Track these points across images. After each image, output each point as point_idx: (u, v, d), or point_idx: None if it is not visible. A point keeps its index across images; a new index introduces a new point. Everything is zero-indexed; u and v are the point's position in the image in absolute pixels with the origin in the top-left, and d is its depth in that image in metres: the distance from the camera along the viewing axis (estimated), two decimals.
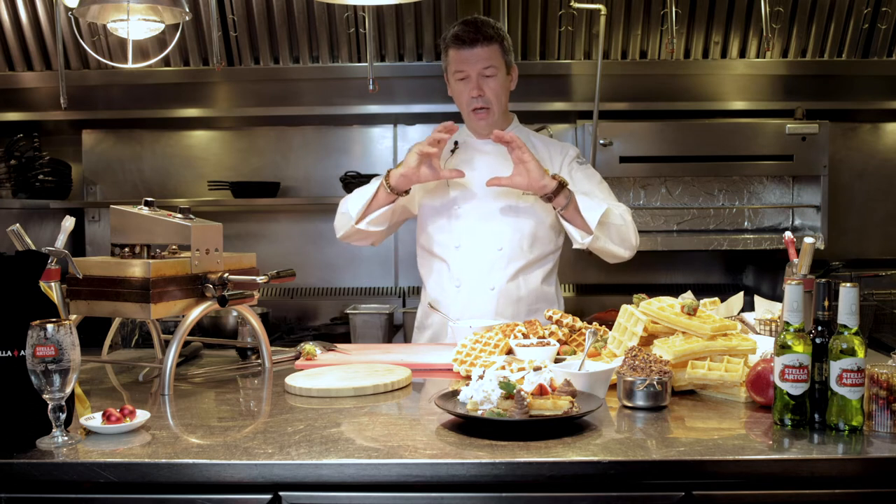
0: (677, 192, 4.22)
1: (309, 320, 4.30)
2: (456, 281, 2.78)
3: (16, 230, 1.97)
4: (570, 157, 2.83)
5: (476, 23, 2.68)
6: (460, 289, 2.77)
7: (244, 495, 1.55)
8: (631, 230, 2.69)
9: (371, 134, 4.46)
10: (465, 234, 2.76)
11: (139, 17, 2.47)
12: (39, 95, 4.10)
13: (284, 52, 3.98)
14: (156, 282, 2.02)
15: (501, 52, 2.69)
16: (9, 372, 1.64)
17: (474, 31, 2.65)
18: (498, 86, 2.70)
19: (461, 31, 2.67)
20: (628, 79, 3.99)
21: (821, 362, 1.70)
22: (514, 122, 2.89)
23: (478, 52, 2.66)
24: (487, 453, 1.56)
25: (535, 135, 2.92)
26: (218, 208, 4.32)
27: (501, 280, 2.74)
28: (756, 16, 3.82)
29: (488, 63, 2.66)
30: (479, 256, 2.75)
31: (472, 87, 2.68)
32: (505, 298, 2.74)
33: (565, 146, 2.89)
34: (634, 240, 2.71)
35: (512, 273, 2.75)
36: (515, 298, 2.76)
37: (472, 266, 2.76)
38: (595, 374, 1.91)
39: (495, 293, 2.74)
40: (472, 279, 2.75)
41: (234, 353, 2.55)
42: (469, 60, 2.67)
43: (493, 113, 2.73)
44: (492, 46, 2.66)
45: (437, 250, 2.82)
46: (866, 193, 4.36)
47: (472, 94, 2.69)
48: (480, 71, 2.67)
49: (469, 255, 2.76)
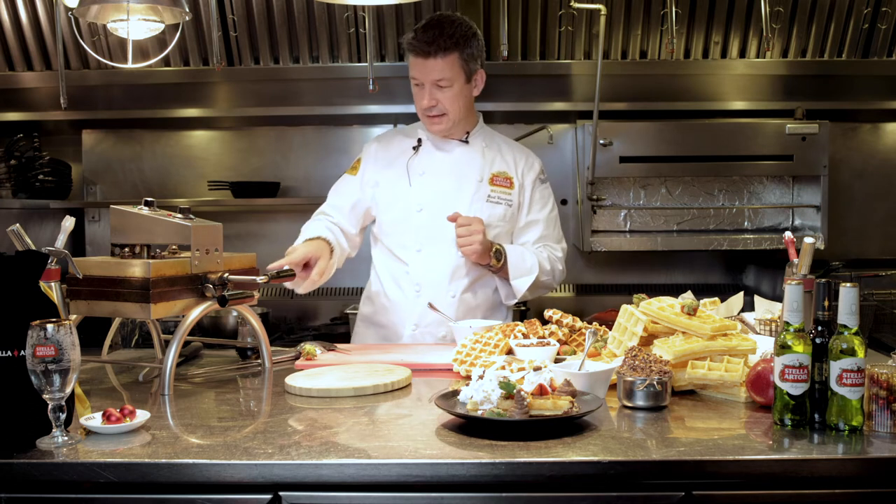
0: (677, 192, 4.22)
1: (309, 320, 4.30)
2: (416, 286, 2.73)
3: (16, 230, 1.97)
4: (536, 171, 2.82)
5: (436, 30, 2.58)
6: (420, 294, 2.73)
7: (244, 495, 1.55)
8: (556, 277, 2.82)
9: (371, 134, 4.44)
10: (428, 237, 2.71)
11: (139, 17, 2.47)
12: (39, 95, 4.09)
13: (284, 52, 3.98)
14: (156, 282, 2.02)
15: (460, 62, 2.60)
16: (9, 372, 1.64)
17: (429, 41, 2.57)
18: (453, 96, 2.63)
19: (417, 41, 2.59)
20: (628, 79, 3.98)
21: (821, 362, 1.70)
22: (479, 124, 2.82)
23: (431, 64, 2.59)
24: (487, 453, 1.56)
25: (502, 138, 2.89)
26: (218, 208, 4.32)
27: (461, 287, 2.72)
28: (756, 16, 3.82)
29: (441, 76, 2.60)
30: (440, 262, 2.71)
31: (425, 96, 2.64)
32: (464, 306, 2.72)
33: (531, 158, 2.84)
34: (557, 283, 2.87)
35: (471, 280, 2.72)
36: (472, 306, 2.74)
37: (434, 271, 2.72)
38: (595, 374, 1.91)
39: (455, 300, 2.71)
40: (432, 284, 2.71)
41: (234, 353, 2.55)
42: (423, 71, 2.61)
43: (449, 119, 2.68)
44: (448, 57, 2.58)
45: (397, 251, 2.77)
46: (866, 193, 4.36)
47: (423, 103, 2.65)
48: (434, 82, 2.61)
49: (430, 259, 2.72)
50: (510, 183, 2.76)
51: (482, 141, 2.80)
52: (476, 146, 2.78)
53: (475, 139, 2.79)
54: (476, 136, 2.79)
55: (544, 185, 2.84)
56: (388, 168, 2.79)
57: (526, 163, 2.82)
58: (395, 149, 2.81)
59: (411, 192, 2.74)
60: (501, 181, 2.75)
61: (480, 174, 2.74)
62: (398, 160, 2.78)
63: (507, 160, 2.79)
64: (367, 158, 2.85)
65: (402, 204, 2.75)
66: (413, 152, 2.78)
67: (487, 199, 2.72)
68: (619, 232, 4.15)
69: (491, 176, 2.75)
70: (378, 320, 2.84)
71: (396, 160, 2.78)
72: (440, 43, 2.57)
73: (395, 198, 2.76)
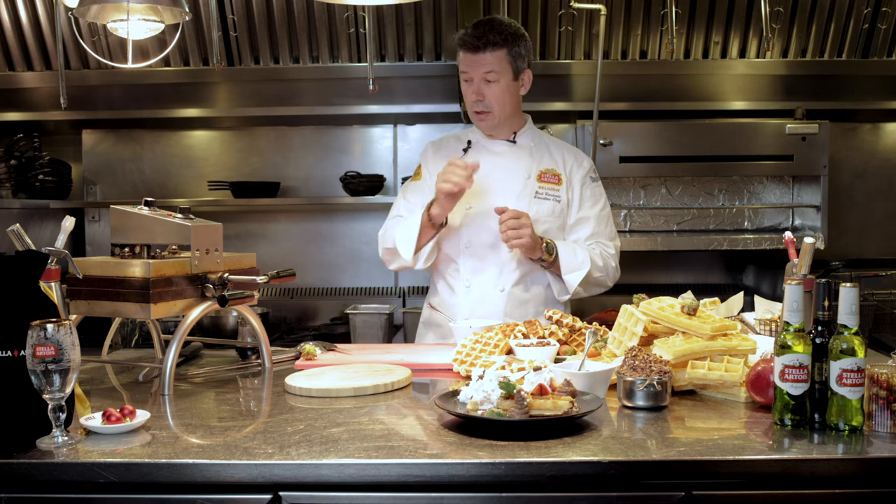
0: (677, 192, 4.22)
1: (309, 320, 4.30)
2: (465, 282, 2.77)
3: (16, 230, 1.97)
4: (585, 169, 2.84)
5: (486, 27, 2.67)
6: (470, 289, 2.76)
7: (244, 495, 1.55)
8: (610, 274, 2.80)
9: (371, 134, 4.46)
10: (477, 233, 2.74)
11: (139, 17, 2.47)
12: (39, 95, 4.10)
13: (284, 52, 3.98)
14: (156, 282, 2.02)
15: (508, 59, 2.67)
16: (9, 372, 1.64)
17: (479, 35, 2.65)
18: (500, 91, 2.69)
19: (468, 35, 2.67)
20: (628, 79, 3.99)
21: (821, 362, 1.70)
22: (528, 124, 2.86)
23: (480, 58, 2.66)
24: (487, 453, 1.56)
25: (551, 138, 2.91)
26: (218, 208, 4.33)
27: (510, 281, 2.74)
28: (756, 16, 3.82)
29: (490, 69, 2.66)
30: (488, 257, 2.74)
31: (472, 91, 2.70)
32: (513, 300, 2.74)
33: (580, 156, 2.87)
34: (612, 281, 2.82)
35: (521, 275, 2.74)
36: (523, 301, 2.76)
37: (482, 266, 2.75)
38: (595, 374, 1.91)
39: (504, 295, 2.73)
40: (481, 280, 2.75)
41: (234, 353, 2.55)
42: (472, 64, 2.68)
43: (495, 116, 2.73)
44: (497, 52, 2.65)
45: (448, 250, 2.80)
46: (866, 193, 4.37)
47: (471, 97, 2.71)
48: (482, 76, 2.67)
49: (478, 256, 2.75)
50: (558, 179, 2.79)
51: (530, 141, 2.83)
52: (524, 146, 2.82)
53: (522, 139, 2.82)
54: (523, 136, 2.83)
55: (595, 184, 2.86)
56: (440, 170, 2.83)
57: (575, 160, 2.85)
58: (448, 151, 2.87)
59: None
60: (549, 178, 2.78)
61: (528, 171, 2.77)
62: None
63: (556, 158, 2.82)
64: (425, 163, 2.92)
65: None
66: (462, 154, 2.83)
67: (535, 196, 2.74)
68: (620, 232, 4.12)
69: (539, 173, 2.78)
70: (435, 320, 2.87)
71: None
72: (489, 38, 2.64)
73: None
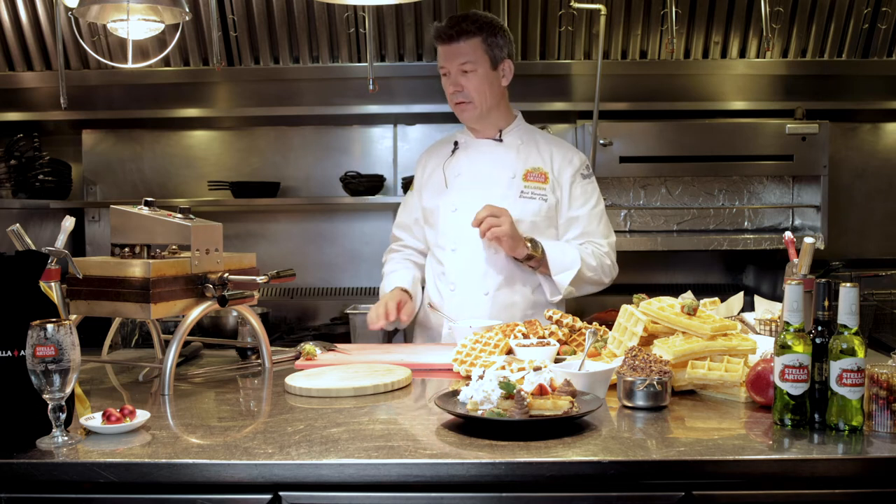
0: (677, 192, 4.22)
1: (309, 320, 4.30)
2: (451, 284, 2.75)
3: (16, 230, 1.97)
4: (576, 167, 2.78)
5: (459, 17, 2.66)
6: (455, 292, 2.75)
7: (244, 495, 1.55)
8: (606, 271, 2.75)
9: (371, 134, 4.46)
10: (461, 236, 2.72)
11: (139, 17, 2.47)
12: (39, 95, 4.10)
13: (284, 52, 3.98)
14: (156, 282, 2.02)
15: (483, 47, 2.63)
16: (9, 372, 1.64)
17: (452, 25, 2.63)
18: (479, 81, 2.65)
19: (441, 27, 2.65)
20: (628, 79, 3.99)
21: (821, 362, 1.70)
22: (517, 122, 2.82)
23: (455, 48, 2.63)
24: (487, 453, 1.56)
25: (543, 135, 2.87)
26: (218, 208, 4.33)
27: (494, 285, 2.71)
28: (756, 16, 3.82)
29: (465, 59, 2.63)
30: (474, 259, 2.72)
31: (451, 83, 2.67)
32: (498, 304, 2.71)
33: (570, 153, 2.81)
34: (609, 279, 2.78)
35: (505, 277, 2.71)
36: (509, 304, 2.72)
37: (467, 269, 2.73)
38: (595, 374, 1.91)
39: (489, 298, 2.71)
40: (466, 283, 2.73)
41: (234, 353, 2.55)
42: (447, 56, 2.66)
43: (476, 107, 2.68)
44: (471, 41, 2.62)
45: (437, 253, 2.81)
46: (866, 193, 4.37)
47: (450, 89, 2.69)
48: (459, 67, 2.64)
49: (464, 258, 2.73)
50: (544, 178, 2.75)
51: (517, 138, 2.79)
52: (511, 144, 2.78)
53: (510, 137, 2.79)
54: (511, 134, 2.79)
55: (587, 181, 2.80)
56: (431, 175, 2.85)
57: (564, 158, 2.78)
58: (437, 155, 2.87)
59: (447, 194, 2.78)
60: (535, 176, 2.74)
61: (513, 170, 2.74)
62: (438, 166, 2.84)
63: (544, 156, 2.78)
64: (417, 172, 2.94)
65: (440, 207, 2.78)
66: (450, 154, 2.82)
67: (521, 195, 2.71)
68: (620, 232, 4.14)
69: (525, 172, 2.74)
70: (424, 322, 2.87)
71: (437, 166, 2.84)
72: (463, 27, 2.63)
73: (435, 202, 2.81)
